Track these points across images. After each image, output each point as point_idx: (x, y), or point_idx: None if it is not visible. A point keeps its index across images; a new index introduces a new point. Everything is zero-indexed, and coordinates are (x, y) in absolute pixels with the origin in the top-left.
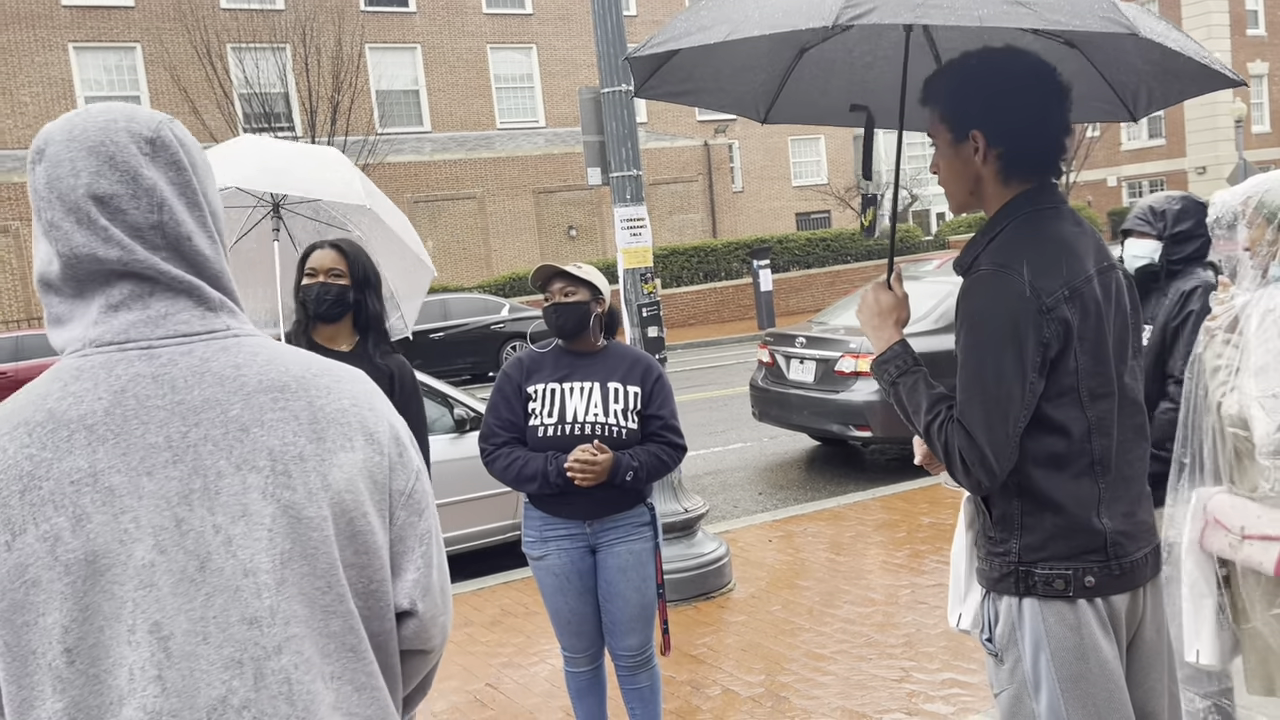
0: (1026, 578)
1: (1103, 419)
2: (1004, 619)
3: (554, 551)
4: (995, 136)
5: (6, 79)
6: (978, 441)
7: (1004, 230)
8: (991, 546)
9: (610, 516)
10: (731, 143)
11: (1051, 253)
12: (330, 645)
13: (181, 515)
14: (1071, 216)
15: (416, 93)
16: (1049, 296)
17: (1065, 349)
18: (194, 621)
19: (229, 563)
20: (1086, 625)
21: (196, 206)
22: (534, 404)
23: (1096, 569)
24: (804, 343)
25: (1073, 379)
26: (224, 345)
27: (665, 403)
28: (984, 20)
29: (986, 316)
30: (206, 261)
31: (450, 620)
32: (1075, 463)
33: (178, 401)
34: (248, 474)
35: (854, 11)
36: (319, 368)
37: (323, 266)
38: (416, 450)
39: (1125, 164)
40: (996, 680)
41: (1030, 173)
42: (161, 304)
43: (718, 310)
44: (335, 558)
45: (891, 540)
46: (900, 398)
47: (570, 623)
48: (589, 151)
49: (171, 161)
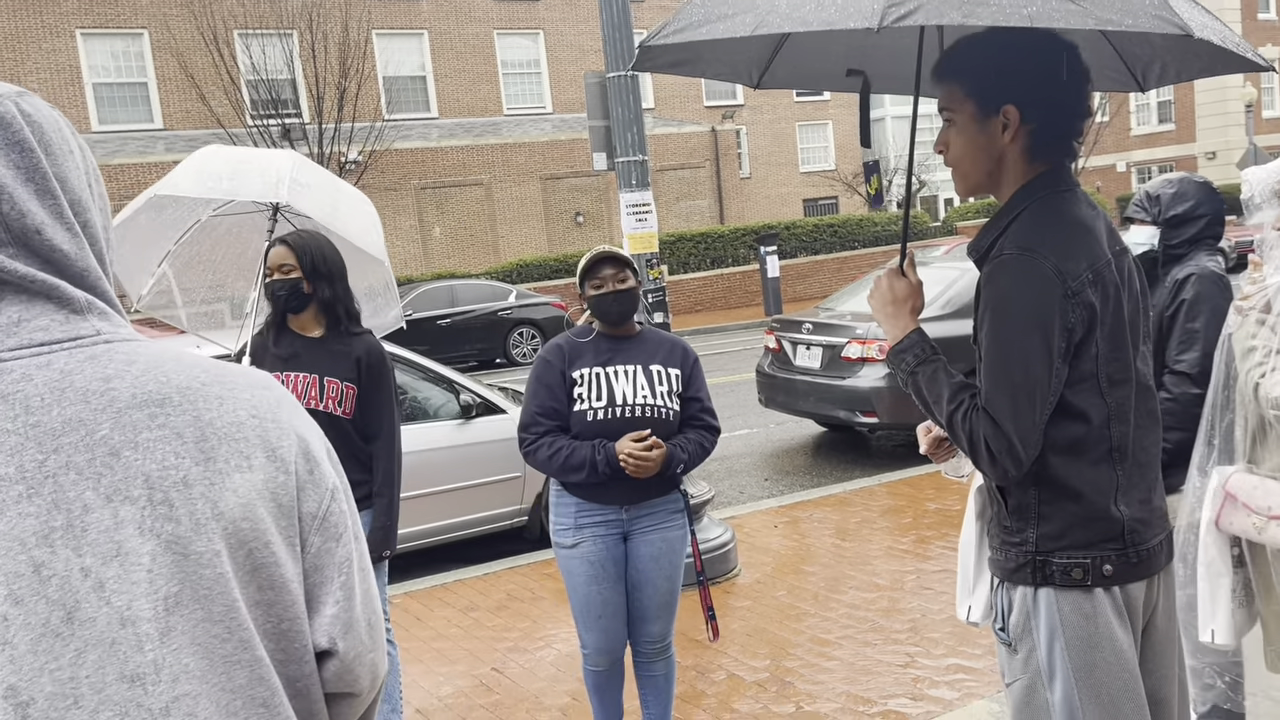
0: (1044, 567)
1: (1121, 405)
2: (1018, 608)
3: (589, 539)
4: (1029, 112)
5: (14, 65)
6: (1004, 430)
7: (1023, 213)
8: (1007, 536)
9: (647, 502)
10: (739, 128)
11: (1075, 235)
12: (235, 702)
13: (40, 558)
14: (1085, 199)
15: (423, 79)
16: (1074, 280)
17: (1088, 334)
18: (60, 684)
19: (102, 611)
20: (1102, 614)
21: (48, 194)
22: (580, 389)
23: (1114, 557)
24: (810, 329)
25: (1093, 365)
26: (91, 354)
27: (702, 385)
28: (1033, 20)
29: (1012, 301)
30: (65, 258)
31: (382, 659)
32: (1094, 450)
33: (32, 424)
34: (120, 506)
35: (898, 12)
36: (209, 375)
37: (275, 263)
38: (335, 466)
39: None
40: (1009, 670)
41: (1055, 153)
42: (14, 309)
43: (725, 296)
44: (235, 597)
45: (897, 526)
46: (919, 387)
47: (602, 615)
48: (594, 136)
49: (14, 142)
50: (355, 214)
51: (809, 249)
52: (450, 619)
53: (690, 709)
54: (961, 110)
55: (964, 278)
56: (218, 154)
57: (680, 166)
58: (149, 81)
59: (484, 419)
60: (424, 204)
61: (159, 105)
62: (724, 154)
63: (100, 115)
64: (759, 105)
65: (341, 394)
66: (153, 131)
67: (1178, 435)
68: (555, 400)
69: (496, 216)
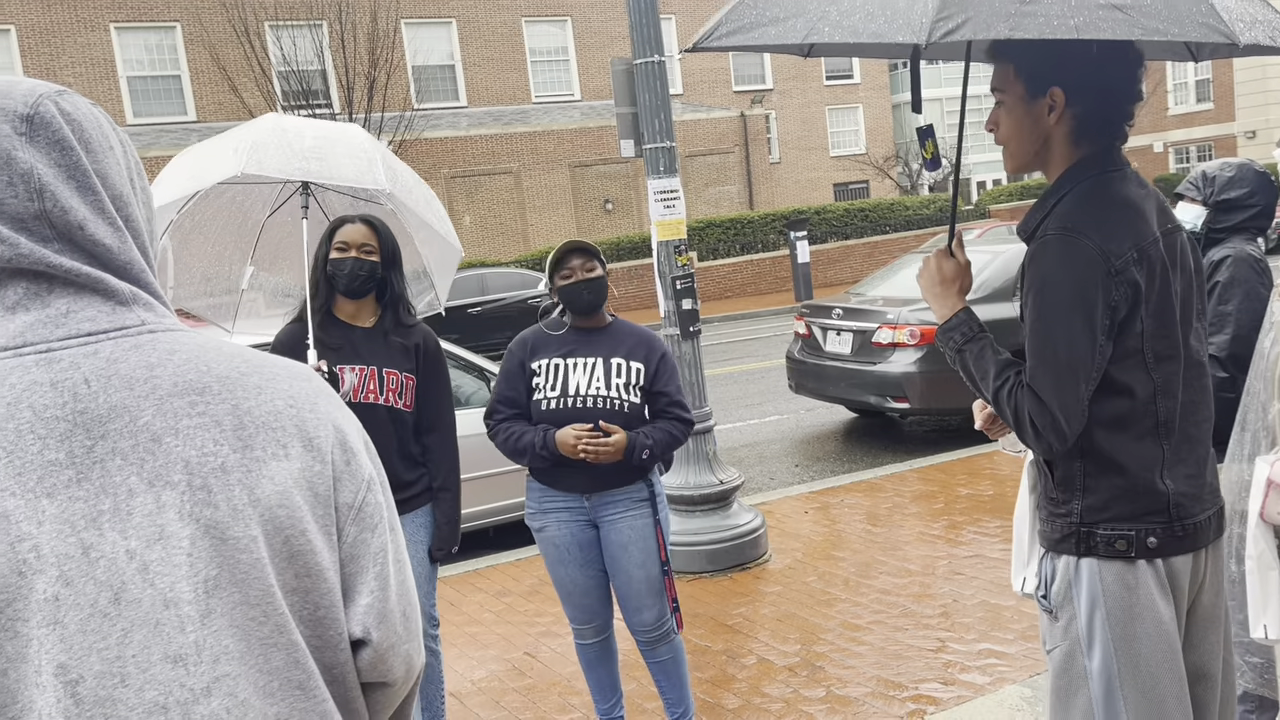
0: (1088, 538)
1: (1168, 381)
2: (1060, 576)
3: (553, 523)
4: (1076, 96)
5: (50, 60)
6: (1049, 406)
7: (1070, 193)
8: (1053, 508)
9: (608, 491)
10: (768, 113)
11: (1119, 215)
12: (272, 684)
13: (89, 541)
14: (1136, 179)
15: (452, 68)
16: (1118, 259)
17: (1133, 312)
18: (108, 662)
19: (146, 593)
20: (1144, 586)
21: (90, 190)
22: (538, 379)
23: (1160, 530)
24: (841, 314)
25: (1138, 341)
26: (135, 343)
27: (670, 379)
28: (1080, 31)
29: (1056, 280)
30: (108, 252)
31: (417, 650)
32: (1139, 424)
33: (80, 411)
34: (161, 491)
35: (946, 27)
36: (249, 365)
37: (355, 241)
38: (372, 457)
39: (1172, 129)
40: (1050, 637)
41: (1101, 136)
42: (63, 301)
43: (754, 282)
44: (271, 583)
45: (929, 511)
46: (967, 365)
47: (572, 594)
48: (622, 123)
49: (54, 141)
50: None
51: (839, 234)
52: (483, 604)
53: (720, 693)
54: (1012, 91)
55: (996, 260)
56: (298, 127)
57: (709, 152)
58: (182, 74)
59: None
60: (454, 193)
61: (192, 98)
62: (753, 139)
63: (135, 108)
64: (788, 89)
65: (401, 386)
66: (186, 124)
67: None
68: (513, 389)
69: (526, 204)
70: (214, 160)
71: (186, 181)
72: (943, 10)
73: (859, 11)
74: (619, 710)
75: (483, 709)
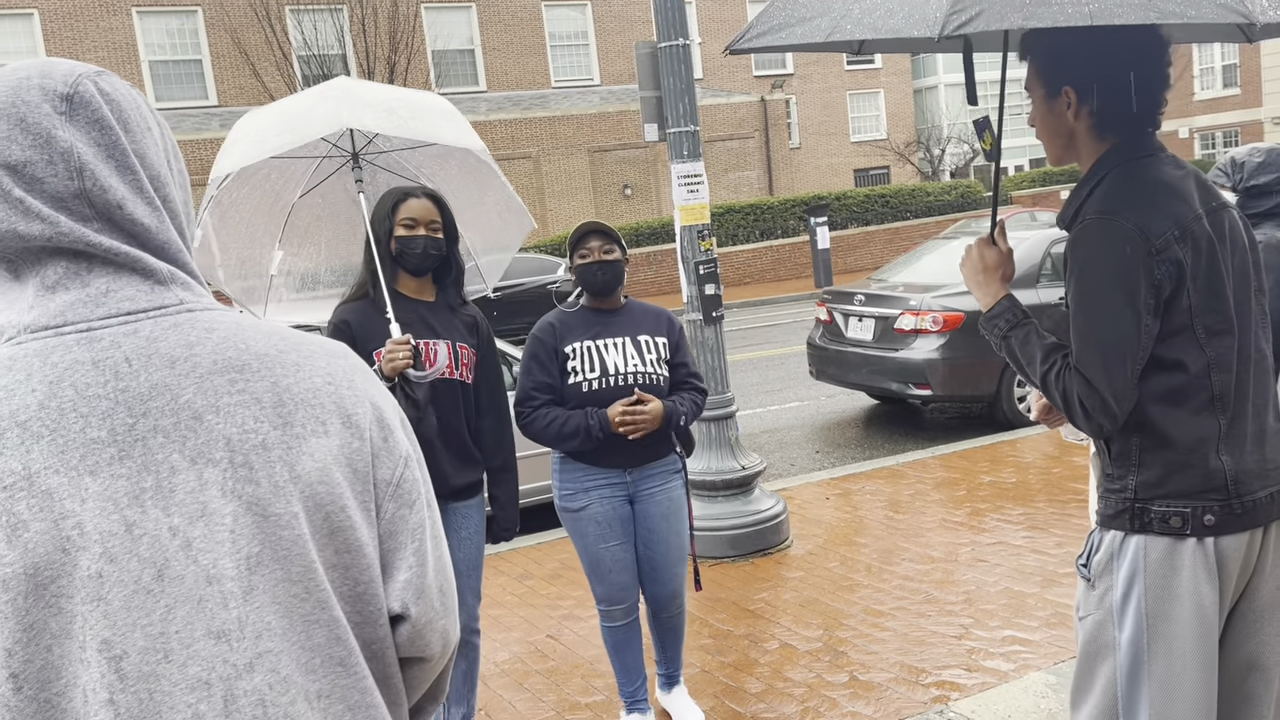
0: (1142, 514)
1: (1222, 355)
2: (1105, 547)
3: (596, 500)
4: (1086, 94)
5: (72, 44)
6: (1097, 387)
7: (1103, 180)
8: (1109, 484)
9: (649, 464)
10: (789, 98)
11: (1156, 196)
12: (314, 660)
13: (132, 518)
14: (1172, 161)
15: (472, 52)
16: (1158, 238)
17: (1178, 289)
18: (152, 638)
19: (190, 569)
20: (1189, 567)
21: (129, 170)
22: (573, 362)
23: (1217, 507)
24: (863, 300)
25: (1186, 317)
26: (175, 322)
27: (687, 351)
28: (1094, 17)
29: (1096, 263)
30: (147, 231)
31: (454, 625)
32: (1194, 399)
33: (122, 389)
34: (204, 468)
35: (959, 19)
36: (287, 343)
37: (424, 218)
38: (408, 434)
39: (1198, 114)
40: (1084, 604)
41: (1124, 126)
42: (102, 280)
43: (774, 269)
44: (312, 559)
45: (951, 499)
46: (1013, 351)
47: (612, 570)
48: (646, 107)
49: (93, 120)
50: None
51: (860, 220)
52: (506, 586)
53: (743, 677)
54: (1035, 90)
55: (1019, 247)
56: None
57: (729, 137)
58: (203, 58)
59: None
60: None
61: (213, 82)
62: (773, 124)
63: (156, 92)
64: (808, 74)
65: (471, 361)
66: (207, 108)
67: None
68: (548, 375)
69: (545, 190)
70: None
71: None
72: (957, 4)
73: (880, 8)
74: (644, 692)
75: (506, 690)
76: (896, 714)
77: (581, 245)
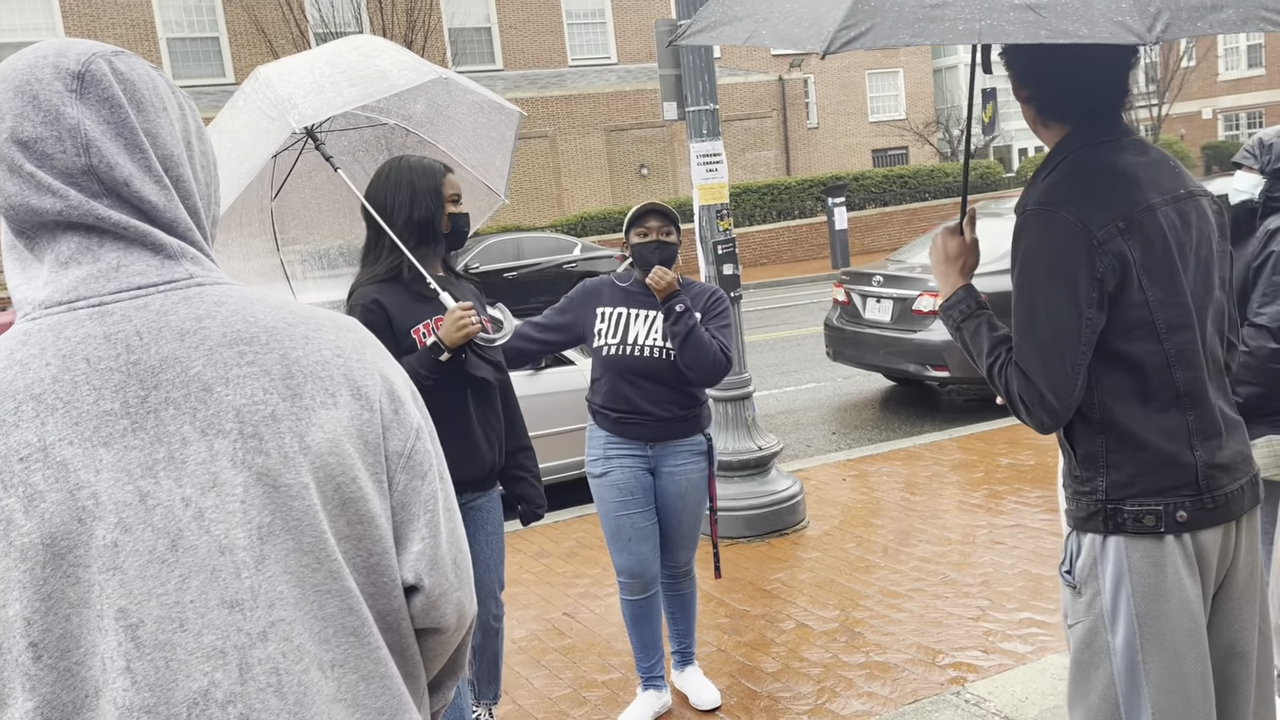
0: (1115, 515)
1: (1183, 350)
2: (1086, 552)
3: (617, 468)
4: (1023, 78)
5: (90, 21)
6: (1035, 382)
7: (1057, 168)
8: (1077, 485)
9: (672, 441)
10: (807, 77)
11: (1104, 185)
12: (327, 629)
13: (146, 488)
14: (1135, 147)
15: (488, 30)
16: (1100, 229)
17: (1125, 282)
18: (167, 607)
19: (203, 539)
20: (1171, 563)
21: (137, 148)
22: (600, 325)
23: (1189, 503)
24: (881, 281)
25: (1144, 311)
26: (184, 296)
27: (716, 320)
28: (982, 35)
29: (1035, 255)
30: (154, 209)
31: (469, 597)
32: (1159, 396)
33: (133, 362)
34: (214, 439)
35: (847, 36)
36: (295, 316)
37: (454, 194)
38: (419, 406)
39: (1222, 95)
40: (1072, 612)
41: (1067, 114)
42: (113, 255)
43: (791, 249)
44: (324, 530)
45: (968, 480)
46: (965, 342)
47: (632, 539)
48: (665, 86)
49: (104, 98)
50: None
51: (878, 200)
52: (522, 565)
53: (759, 656)
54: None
55: None
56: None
57: (746, 117)
58: (220, 36)
59: (553, 370)
60: None
61: (230, 59)
62: (791, 104)
63: (174, 69)
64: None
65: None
66: (224, 85)
67: (1249, 390)
68: (564, 316)
69: (561, 169)
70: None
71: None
72: (848, 19)
73: (791, 16)
74: (661, 669)
75: (523, 667)
76: (913, 695)
77: (641, 224)
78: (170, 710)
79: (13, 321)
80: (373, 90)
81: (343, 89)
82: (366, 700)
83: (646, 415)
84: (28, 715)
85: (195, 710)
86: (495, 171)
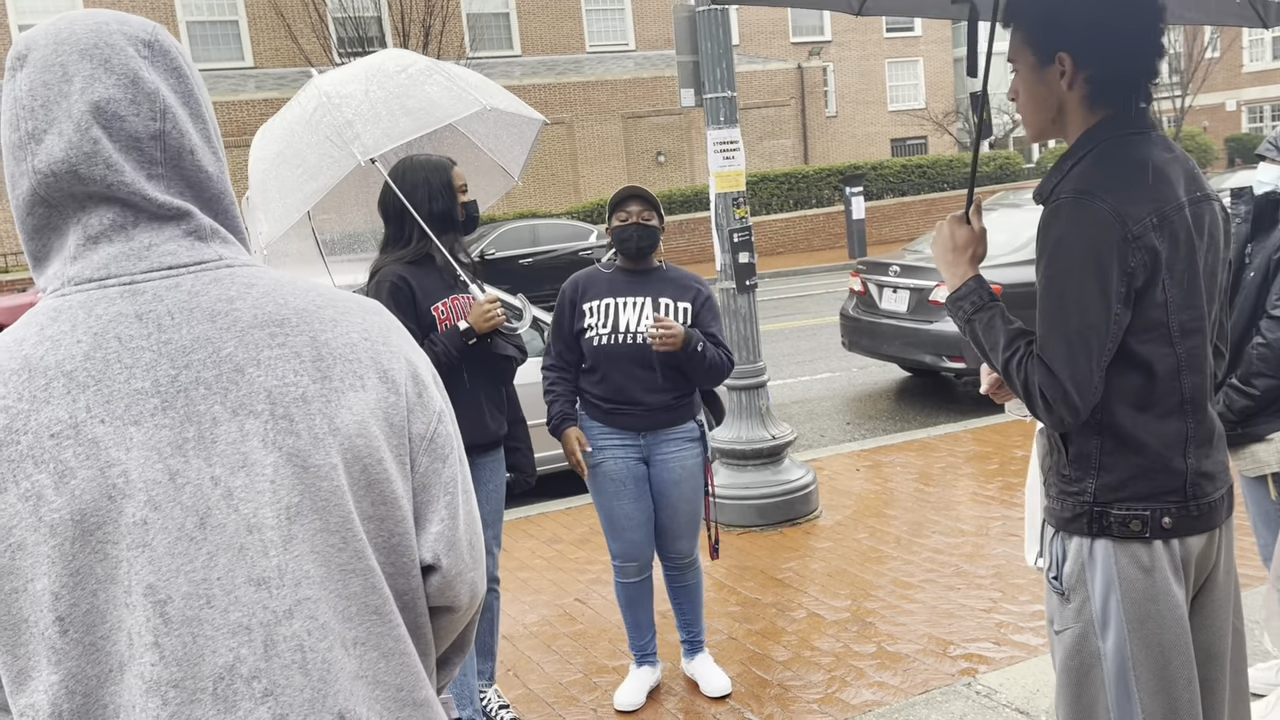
0: (1101, 518)
1: (1193, 355)
2: (1073, 558)
3: (608, 459)
4: (1084, 59)
5: (111, 3)
6: (1059, 377)
7: (1087, 156)
8: (1064, 485)
9: (663, 430)
10: (826, 65)
11: (1139, 178)
12: (350, 607)
13: (175, 467)
14: (1162, 142)
15: (507, 15)
16: (1135, 224)
17: (1152, 280)
18: (195, 584)
19: (231, 518)
20: (1159, 568)
21: (200, 119)
22: (590, 319)
23: (1175, 510)
24: (898, 271)
25: (1162, 313)
26: (215, 277)
27: (714, 321)
28: None
29: (1067, 245)
30: (209, 179)
31: (481, 578)
32: (1164, 401)
33: (164, 341)
34: (245, 419)
35: None
36: (324, 299)
37: (462, 184)
38: (440, 390)
39: (1246, 87)
40: (1059, 618)
41: (1118, 97)
42: (145, 234)
43: (808, 239)
44: (350, 510)
45: (983, 472)
46: (976, 334)
47: (625, 528)
48: (683, 72)
49: (172, 68)
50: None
51: (896, 190)
52: (534, 550)
53: (770, 644)
54: (1023, 60)
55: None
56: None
57: (764, 105)
58: (240, 20)
59: None
60: None
61: (249, 43)
62: (810, 92)
63: (194, 53)
64: (847, 42)
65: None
66: (243, 70)
67: (1266, 382)
68: (563, 341)
69: (578, 155)
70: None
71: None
72: None
73: None
74: (653, 646)
75: (534, 652)
76: (923, 685)
77: (622, 208)
78: (197, 684)
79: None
80: (425, 123)
81: (399, 119)
82: (386, 677)
83: (638, 404)
84: (52, 688)
85: (221, 684)
86: (512, 159)
